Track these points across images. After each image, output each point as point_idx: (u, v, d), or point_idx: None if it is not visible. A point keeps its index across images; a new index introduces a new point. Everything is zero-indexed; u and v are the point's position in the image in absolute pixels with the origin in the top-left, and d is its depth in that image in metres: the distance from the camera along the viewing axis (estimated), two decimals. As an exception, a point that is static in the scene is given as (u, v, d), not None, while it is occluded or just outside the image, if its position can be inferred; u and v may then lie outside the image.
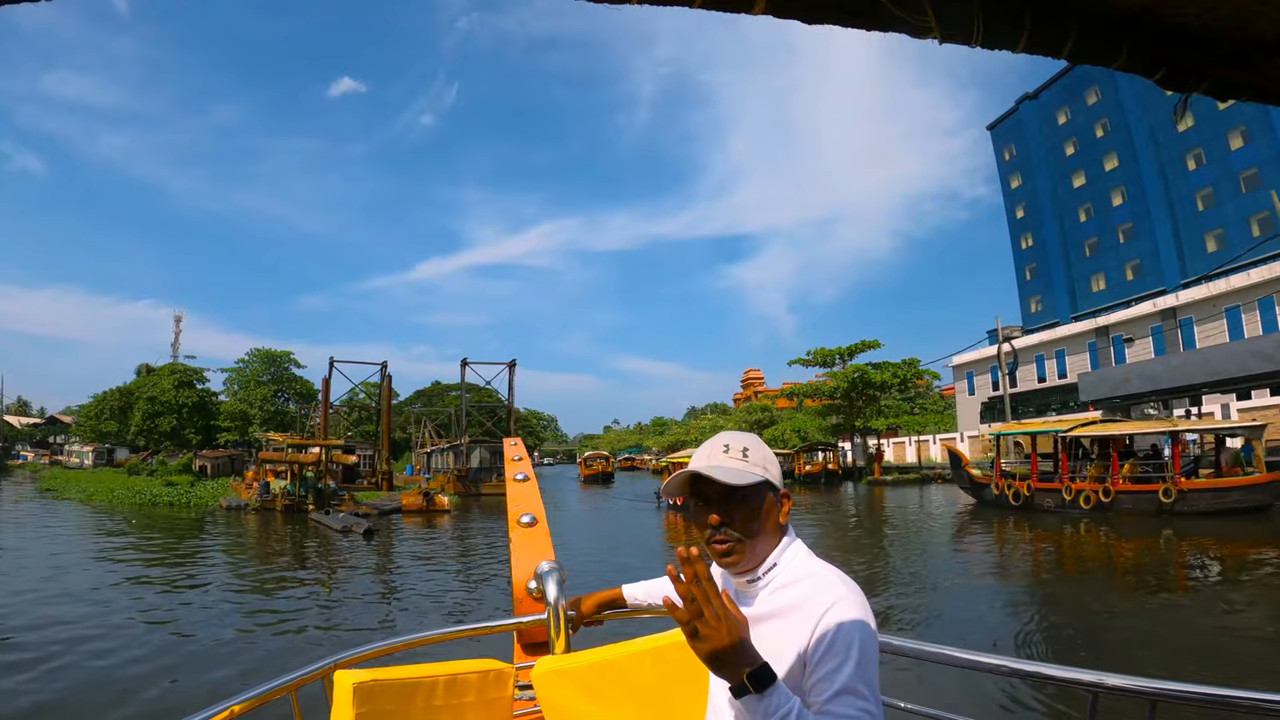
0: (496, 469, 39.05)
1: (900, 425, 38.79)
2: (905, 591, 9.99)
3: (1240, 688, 1.21)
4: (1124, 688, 1.29)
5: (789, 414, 59.87)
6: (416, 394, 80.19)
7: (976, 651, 1.54)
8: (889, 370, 37.90)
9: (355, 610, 9.73)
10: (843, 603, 1.06)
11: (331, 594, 10.85)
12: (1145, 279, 41.98)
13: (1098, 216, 46.11)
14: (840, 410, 40.21)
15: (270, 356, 60.83)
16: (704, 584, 0.96)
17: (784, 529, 1.21)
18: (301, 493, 25.31)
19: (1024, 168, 52.42)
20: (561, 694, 1.68)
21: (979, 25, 1.07)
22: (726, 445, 1.21)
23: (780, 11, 1.08)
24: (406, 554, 15.90)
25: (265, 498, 25.70)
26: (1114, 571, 11.31)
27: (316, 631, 8.41)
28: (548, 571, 1.98)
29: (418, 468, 51.97)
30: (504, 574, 10.94)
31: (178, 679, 6.44)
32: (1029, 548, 14.19)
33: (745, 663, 0.94)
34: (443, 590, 11.00)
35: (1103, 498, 17.48)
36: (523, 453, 2.95)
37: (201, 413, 54.36)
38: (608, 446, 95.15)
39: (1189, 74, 1.08)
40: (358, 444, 44.07)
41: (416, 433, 60.47)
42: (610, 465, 53.59)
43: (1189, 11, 1.06)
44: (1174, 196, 40.51)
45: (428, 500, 25.84)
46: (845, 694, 0.99)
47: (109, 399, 56.64)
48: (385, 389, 42.10)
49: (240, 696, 1.49)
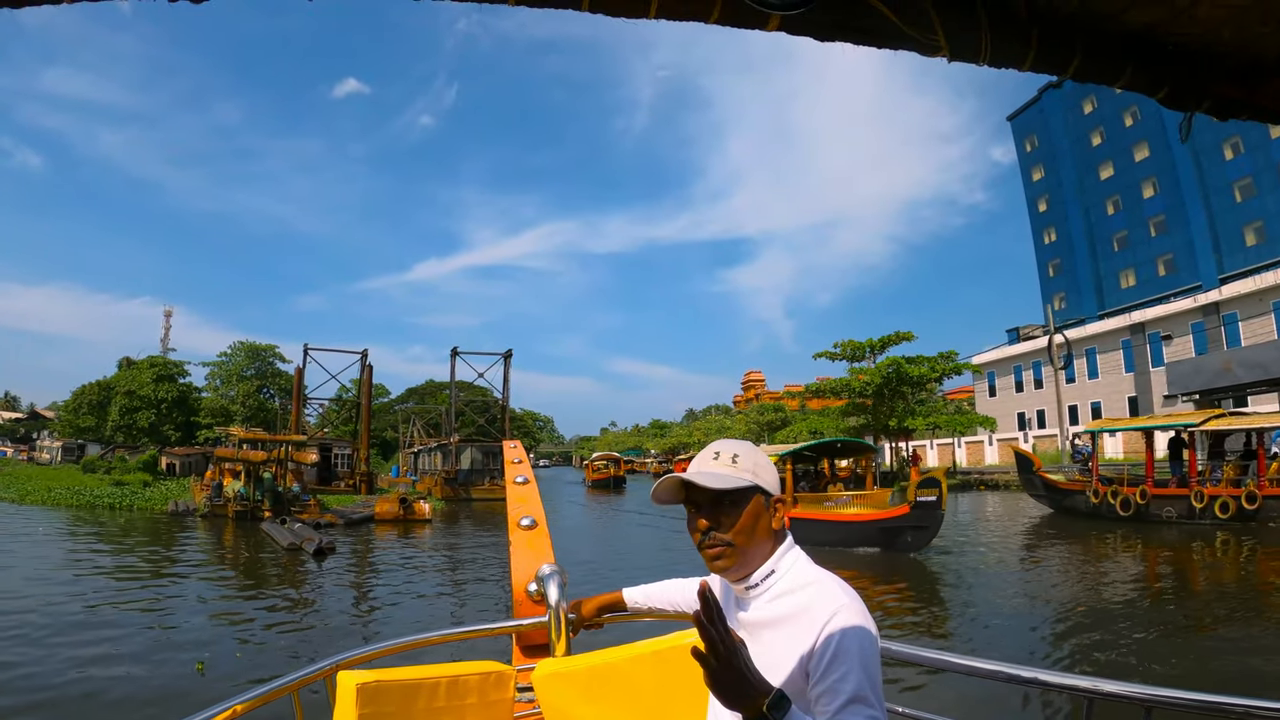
0: (490, 471, 37.57)
1: (941, 424, 36.26)
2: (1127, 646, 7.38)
3: (1234, 694, 1.29)
4: (1119, 694, 1.37)
5: (799, 415, 59.86)
6: (408, 391, 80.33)
7: (973, 657, 1.63)
8: (926, 364, 35.75)
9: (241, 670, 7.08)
10: (845, 611, 1.13)
11: (215, 650, 7.76)
12: (1179, 274, 41.80)
13: (1127, 209, 45.94)
14: (868, 409, 38.19)
15: (254, 350, 60.99)
16: (719, 625, 1.01)
17: (780, 535, 1.28)
18: (257, 497, 22.61)
19: (1047, 159, 52.28)
20: (562, 697, 1.77)
21: (986, 45, 1.16)
22: (717, 453, 1.28)
23: (794, 30, 1.17)
24: (365, 582, 13.05)
25: (216, 502, 23.25)
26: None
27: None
28: (548, 574, 2.06)
29: (404, 469, 51.42)
30: (495, 615, 9.72)
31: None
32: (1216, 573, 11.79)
33: (762, 692, 1.00)
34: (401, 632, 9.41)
35: (1245, 504, 15.00)
36: (523, 455, 3.06)
37: (181, 408, 54.54)
38: (605, 448, 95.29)
39: (1191, 93, 1.17)
40: (336, 441, 42.37)
41: (407, 432, 60.23)
42: (621, 468, 49.61)
43: (1191, 32, 1.15)
44: (1210, 187, 40.27)
45: (405, 508, 23.17)
46: (854, 703, 1.05)
47: (87, 393, 56.85)
48: (365, 381, 39.82)
49: (242, 696, 1.57)
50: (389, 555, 16.82)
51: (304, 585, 12.55)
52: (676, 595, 1.82)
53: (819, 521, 14.72)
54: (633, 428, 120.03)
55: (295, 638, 8.72)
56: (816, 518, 14.85)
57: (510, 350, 41.40)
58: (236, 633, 8.83)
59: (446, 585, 12.91)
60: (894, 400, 36.98)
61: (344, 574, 13.93)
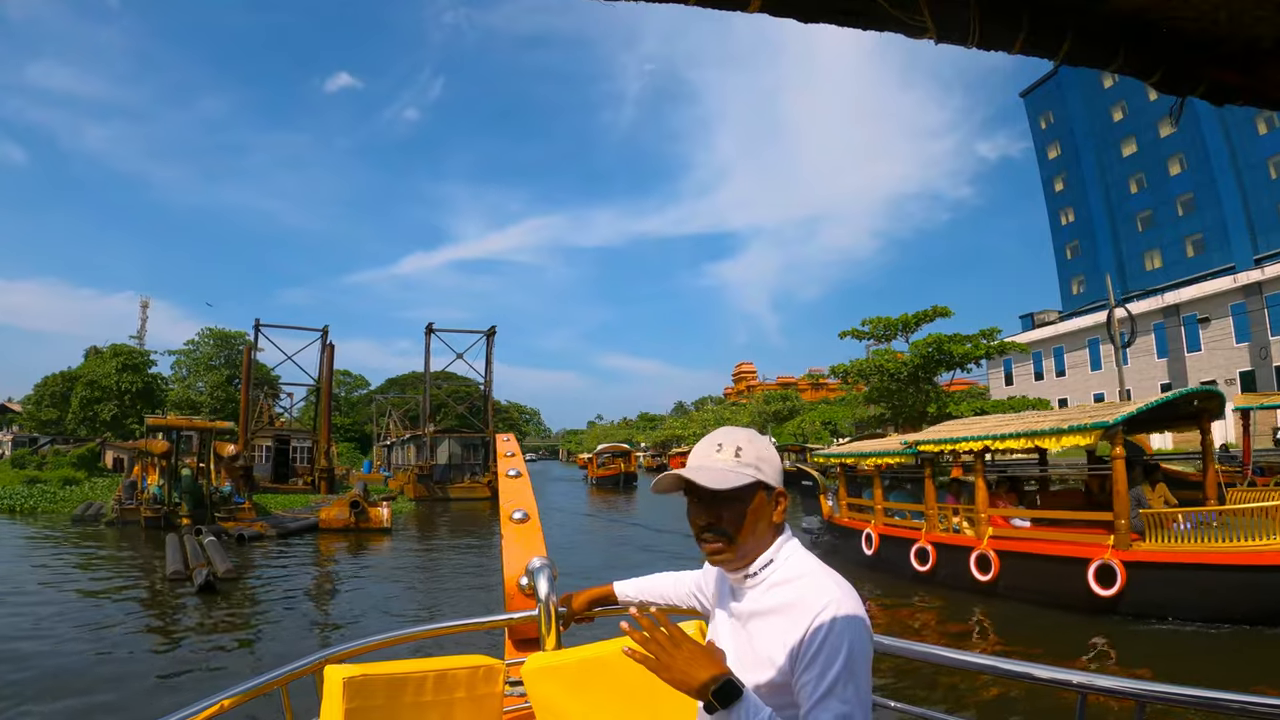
0: (470, 466, 35.21)
1: (988, 411, 32.90)
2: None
3: (1228, 690, 1.35)
4: (1113, 689, 1.43)
5: (808, 405, 59.94)
6: (389, 382, 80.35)
7: (966, 652, 1.69)
8: (969, 342, 32.89)
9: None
10: (836, 605, 1.18)
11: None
12: (1210, 255, 41.82)
13: (1152, 187, 46.04)
14: (893, 394, 35.39)
15: (223, 337, 60.78)
16: (654, 633, 1.16)
17: (779, 527, 1.33)
18: (175, 499, 19.40)
19: (1064, 136, 52.28)
20: (552, 690, 1.86)
21: (975, 26, 1.19)
22: (720, 444, 1.32)
23: (775, 10, 1.20)
24: (256, 634, 9.53)
25: (128, 505, 20.33)
26: None
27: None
28: (539, 568, 2.17)
29: (377, 464, 50.66)
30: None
31: None
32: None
33: (711, 680, 1.10)
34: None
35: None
36: (516, 449, 3.17)
37: (146, 400, 54.35)
38: (593, 442, 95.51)
39: (1186, 77, 1.20)
40: (295, 433, 40.09)
41: (384, 424, 59.74)
42: (631, 463, 44.13)
43: (1186, 15, 1.18)
44: (1242, 164, 40.32)
45: (357, 514, 19.56)
46: (829, 698, 1.11)
47: (50, 384, 56.52)
48: (327, 362, 36.76)
49: (230, 691, 1.64)
50: (321, 583, 13.22)
51: (152, 639, 9.04)
52: (668, 589, 1.88)
53: (1190, 569, 8.13)
54: (621, 421, 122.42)
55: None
56: (1188, 560, 8.18)
57: (494, 327, 37.81)
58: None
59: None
60: (926, 384, 34.69)
61: (227, 619, 10.09)
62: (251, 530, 18.08)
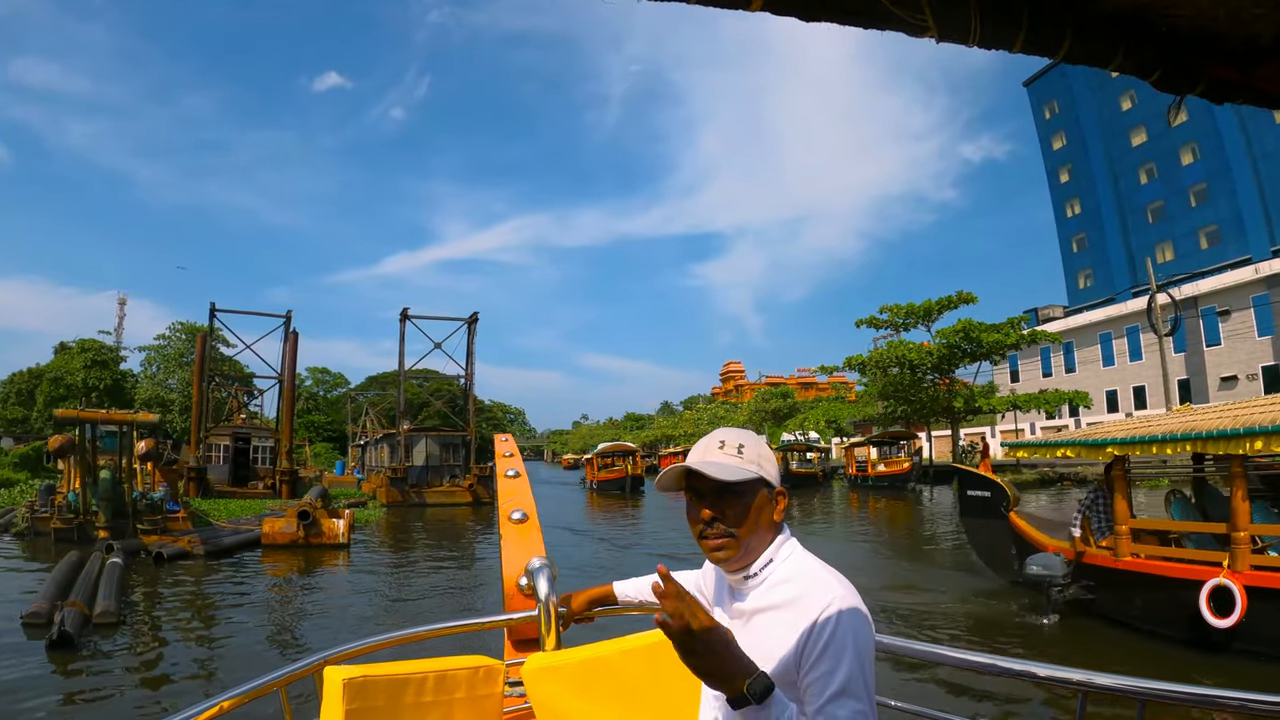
0: (449, 469, 33.63)
1: (1021, 404, 32.53)
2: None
3: (1229, 689, 1.40)
4: (1113, 687, 1.49)
5: (808, 403, 60.19)
6: (369, 380, 79.93)
7: (967, 650, 1.75)
8: (999, 331, 31.57)
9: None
10: (839, 602, 1.22)
11: None
12: (1225, 246, 42.21)
13: (1163, 178, 46.35)
14: (911, 388, 34.34)
15: (195, 332, 60.31)
16: (686, 598, 1.10)
17: (779, 526, 1.39)
18: (93, 506, 16.93)
19: (1069, 126, 52.64)
20: (552, 690, 1.91)
21: (976, 25, 1.23)
22: (722, 441, 1.38)
23: (777, 10, 1.24)
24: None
25: (40, 513, 18.19)
26: None
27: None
28: (539, 568, 2.23)
29: (351, 465, 49.91)
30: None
31: None
32: None
33: (742, 673, 1.09)
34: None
35: None
36: (514, 449, 3.25)
37: (114, 397, 54.00)
38: (579, 442, 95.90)
39: (1185, 75, 1.26)
40: (256, 430, 36.95)
41: (361, 424, 58.96)
42: (639, 464, 39.26)
43: (1185, 13, 1.23)
44: (1258, 152, 40.71)
45: (306, 526, 16.89)
46: (843, 695, 1.14)
47: (16, 381, 56.12)
48: (289, 352, 33.94)
49: (230, 692, 1.70)
50: (231, 626, 9.78)
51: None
52: None
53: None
54: (607, 421, 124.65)
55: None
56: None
57: (475, 314, 35.86)
58: None
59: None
60: (949, 376, 34.36)
61: (65, 693, 6.79)
62: (174, 547, 15.37)
